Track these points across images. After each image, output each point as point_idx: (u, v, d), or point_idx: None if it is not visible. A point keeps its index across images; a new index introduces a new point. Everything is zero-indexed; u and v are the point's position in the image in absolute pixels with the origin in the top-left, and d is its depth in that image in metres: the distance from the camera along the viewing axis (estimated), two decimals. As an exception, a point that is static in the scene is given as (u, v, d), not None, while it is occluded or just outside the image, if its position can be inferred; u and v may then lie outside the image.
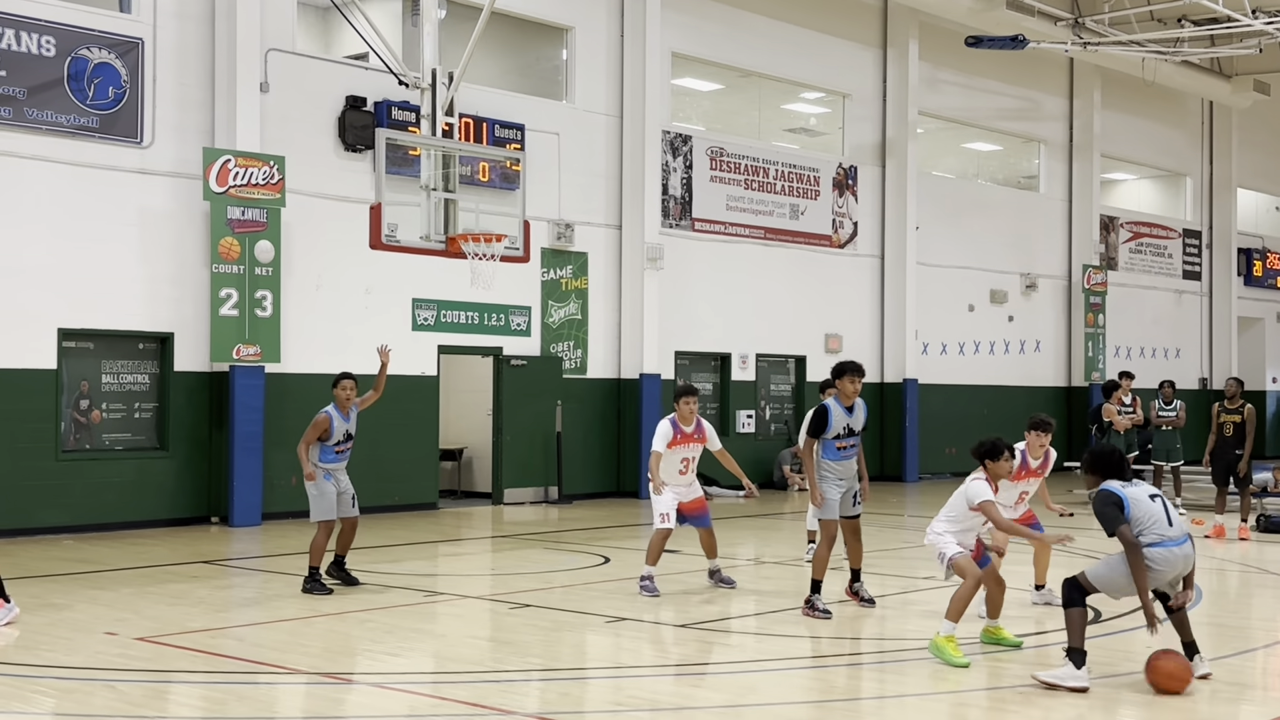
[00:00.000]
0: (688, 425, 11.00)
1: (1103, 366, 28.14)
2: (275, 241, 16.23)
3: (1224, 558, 13.95)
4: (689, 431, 11.00)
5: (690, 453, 11.06)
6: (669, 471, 10.94)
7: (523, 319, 19.43)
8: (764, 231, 22.64)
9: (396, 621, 9.80)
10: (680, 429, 10.94)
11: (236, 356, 15.98)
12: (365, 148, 17.15)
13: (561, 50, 20.45)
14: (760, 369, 22.82)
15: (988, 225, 26.61)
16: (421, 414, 18.26)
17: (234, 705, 7.38)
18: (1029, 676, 7.77)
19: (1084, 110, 28.55)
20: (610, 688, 7.86)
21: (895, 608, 10.80)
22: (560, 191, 19.70)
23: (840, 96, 24.38)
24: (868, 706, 7.54)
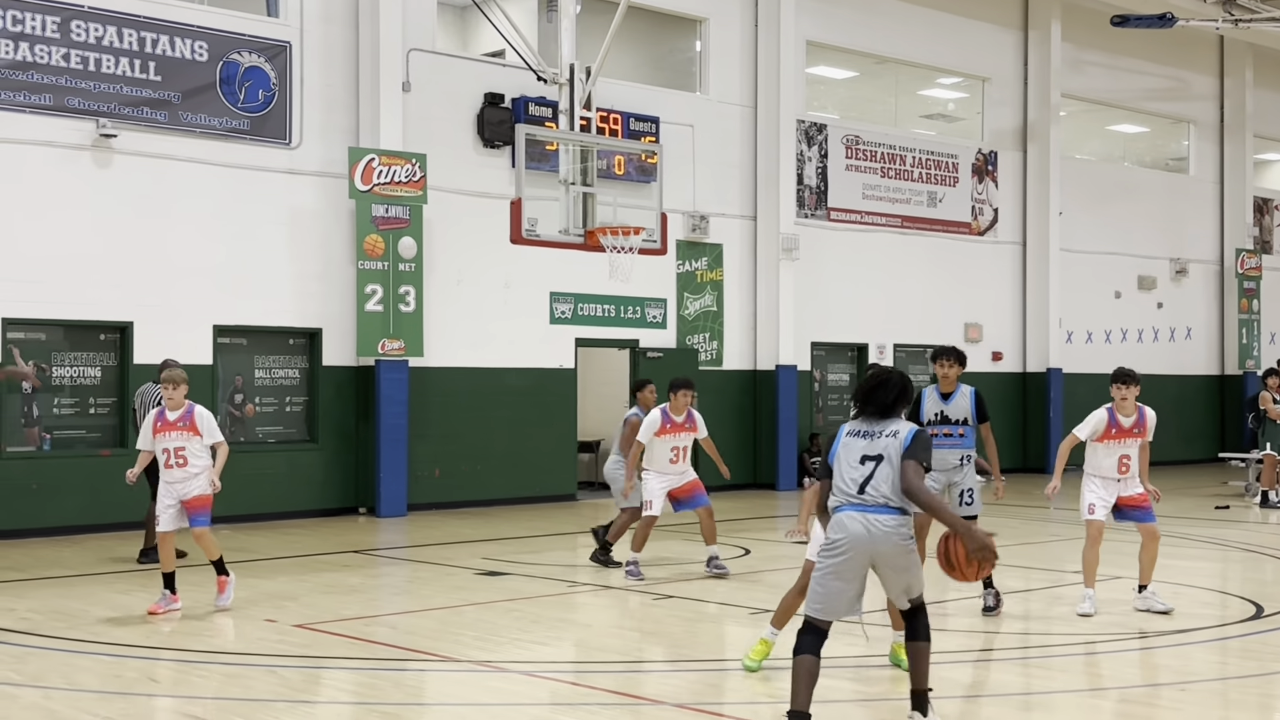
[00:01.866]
0: (679, 415, 11.39)
1: (1258, 354, 27.15)
2: (417, 238, 16.56)
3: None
4: (679, 421, 11.40)
5: (680, 442, 11.45)
6: (661, 460, 11.31)
7: (658, 311, 19.50)
8: (901, 220, 22.35)
9: (541, 611, 9.94)
10: (671, 419, 11.33)
11: (381, 351, 16.36)
12: (504, 144, 17.40)
13: (695, 42, 20.45)
14: (898, 359, 22.52)
15: (1134, 209, 25.87)
16: (559, 406, 18.46)
17: (388, 691, 7.58)
18: None
19: (1235, 89, 27.55)
20: (755, 679, 7.85)
21: (1042, 603, 10.59)
22: (695, 183, 19.72)
23: (979, 80, 23.93)
24: (1015, 703, 7.41)
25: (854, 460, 6.19)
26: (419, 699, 7.57)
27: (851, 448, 6.23)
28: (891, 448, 6.13)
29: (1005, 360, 23.80)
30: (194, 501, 9.61)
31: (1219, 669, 8.11)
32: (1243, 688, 7.54)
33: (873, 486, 6.10)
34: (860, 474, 6.14)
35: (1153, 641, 8.86)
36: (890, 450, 6.13)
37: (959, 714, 7.00)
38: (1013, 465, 22.81)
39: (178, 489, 9.63)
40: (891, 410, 6.25)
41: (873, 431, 6.23)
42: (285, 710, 7.03)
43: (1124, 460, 9.52)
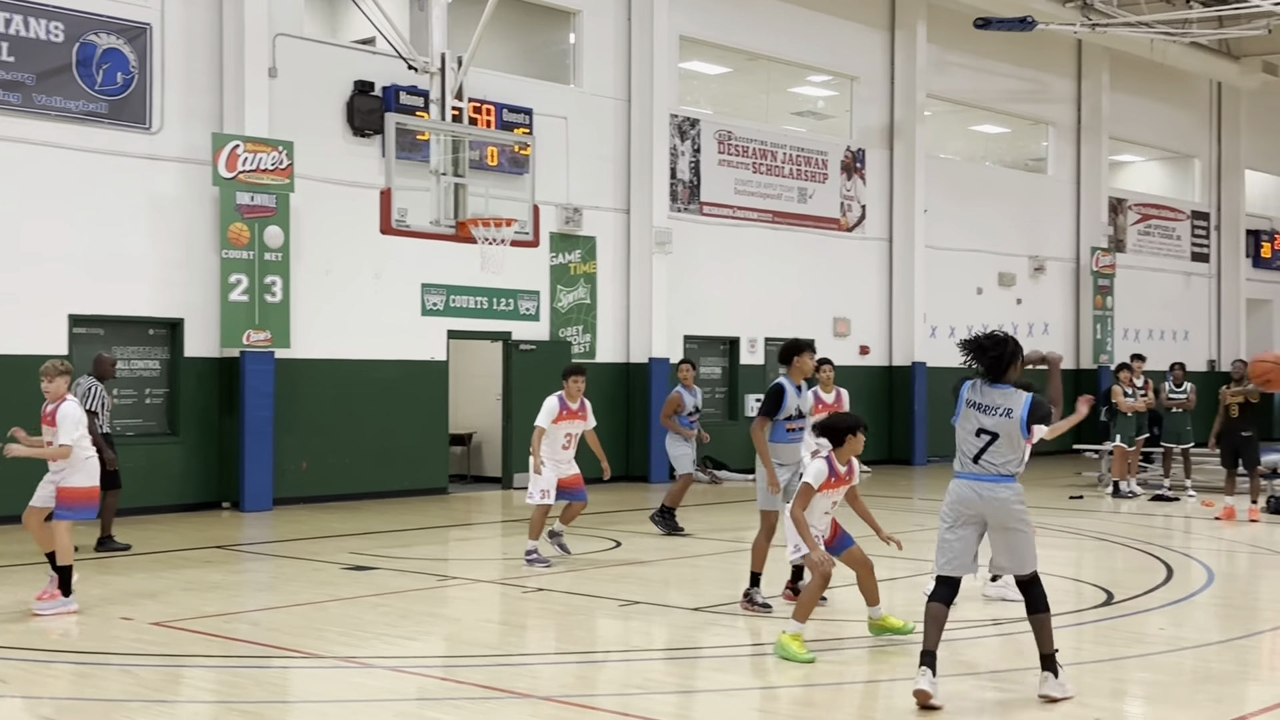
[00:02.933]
0: (574, 402, 11.73)
1: (1111, 349, 28.11)
2: (284, 227, 16.25)
3: (1234, 539, 13.96)
4: (574, 408, 11.77)
5: (574, 429, 11.83)
6: (554, 447, 11.60)
7: (531, 304, 19.44)
8: (772, 215, 22.62)
9: (409, 606, 9.84)
10: (567, 405, 11.66)
11: (247, 342, 16.01)
12: (374, 132, 17.16)
13: (569, 34, 20.42)
14: (769, 353, 22.78)
15: (996, 208, 26.56)
16: (431, 399, 18.29)
17: (249, 689, 7.42)
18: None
19: (1092, 92, 28.47)
20: (623, 670, 7.89)
21: (905, 592, 10.82)
22: (569, 176, 19.70)
23: (848, 79, 24.33)
24: (884, 689, 7.55)
25: (970, 432, 6.88)
26: (281, 697, 7.43)
27: (969, 419, 6.93)
28: (1007, 427, 6.85)
29: (872, 354, 24.27)
30: (68, 492, 9.33)
31: (1073, 654, 8.36)
32: (1095, 672, 7.80)
33: (986, 459, 6.87)
34: (976, 446, 6.88)
35: (1011, 628, 9.10)
36: (1006, 429, 6.85)
37: (829, 703, 7.11)
38: (878, 457, 23.28)
39: (54, 478, 9.41)
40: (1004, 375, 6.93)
41: (988, 406, 6.88)
42: (140, 710, 6.84)
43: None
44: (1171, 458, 18.69)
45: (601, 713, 6.86)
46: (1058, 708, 6.87)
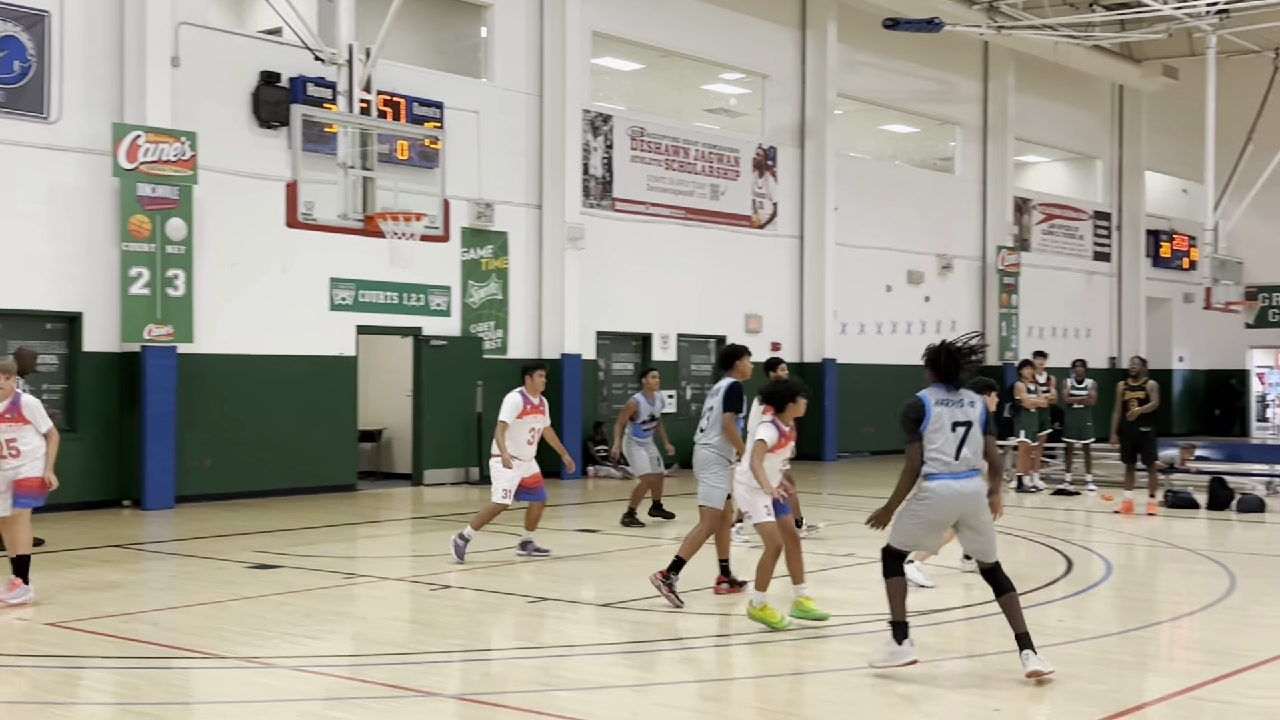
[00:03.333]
0: (535, 397, 11.83)
1: (1016, 346, 28.61)
2: (187, 219, 15.94)
3: (1132, 533, 14.27)
4: (536, 403, 11.86)
5: (538, 424, 11.92)
6: (519, 443, 11.64)
7: (442, 299, 19.29)
8: (684, 211, 22.68)
9: (314, 604, 9.70)
10: (529, 400, 11.72)
11: (148, 336, 15.69)
12: (280, 124, 16.89)
13: (481, 28, 20.28)
14: (681, 349, 22.88)
15: (905, 207, 26.90)
16: (340, 395, 18.07)
17: (149, 691, 7.27)
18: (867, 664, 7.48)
19: (998, 93, 28.94)
20: (534, 668, 7.85)
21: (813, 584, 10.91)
22: (480, 170, 19.57)
23: (760, 77, 24.47)
24: (787, 683, 7.60)
25: (947, 427, 7.20)
26: (182, 698, 7.28)
27: (942, 417, 7.23)
28: (974, 414, 7.31)
29: (783, 350, 24.43)
30: (25, 482, 9.33)
31: (978, 645, 8.50)
32: (997, 663, 7.92)
33: (966, 452, 7.22)
34: (955, 439, 7.19)
35: (914, 621, 9.20)
36: (974, 416, 7.31)
37: (719, 694, 7.14)
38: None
39: (8, 475, 9.37)
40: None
41: (955, 400, 7.32)
42: (35, 713, 6.67)
43: None
44: (1073, 453, 19.06)
45: (510, 710, 6.82)
46: (962, 702, 6.97)
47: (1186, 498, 16.47)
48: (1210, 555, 12.37)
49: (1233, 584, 10.68)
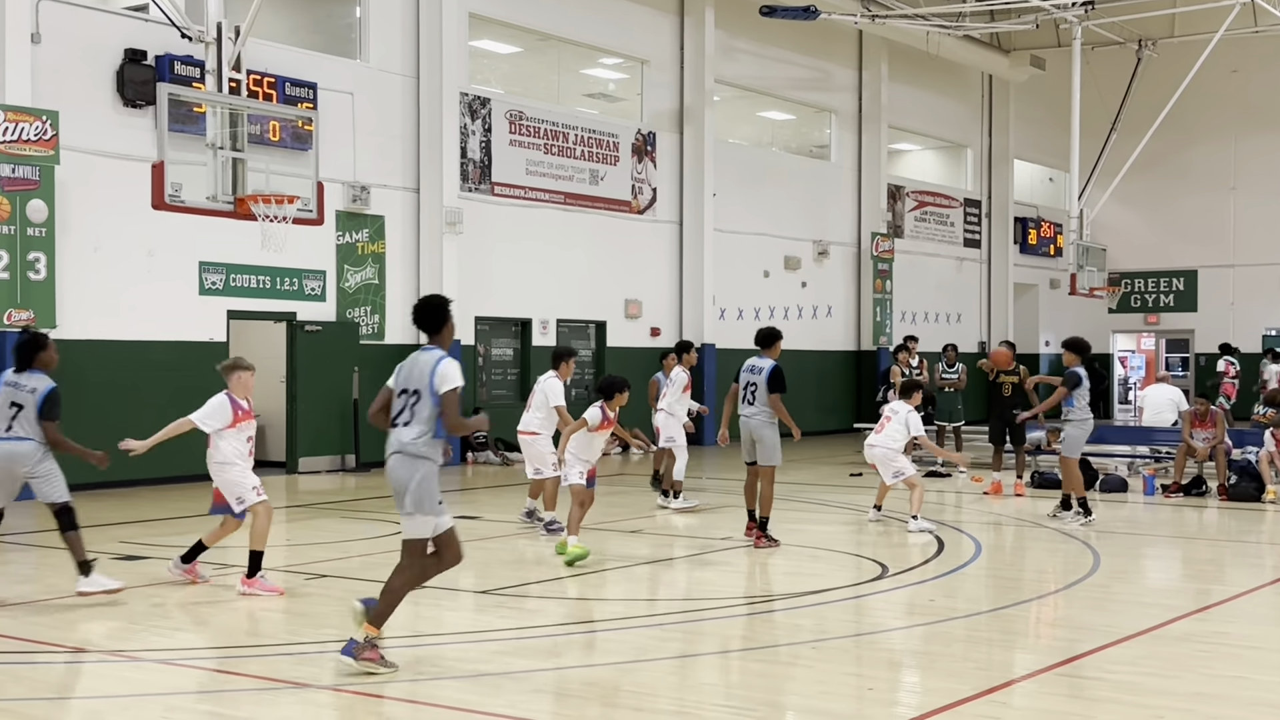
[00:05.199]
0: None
1: (890, 331, 29.14)
2: (49, 201, 15.40)
3: (1000, 512, 14.64)
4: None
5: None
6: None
7: (317, 283, 18.95)
8: (564, 196, 22.61)
9: (184, 596, 9.47)
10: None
11: (8, 321, 15.14)
12: (146, 103, 16.41)
13: (355, 7, 19.94)
14: (561, 334, 22.82)
15: (782, 193, 27.17)
16: (210, 382, 17.49)
17: (10, 686, 7.01)
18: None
19: (872, 82, 29.38)
20: (410, 656, 7.76)
21: (693, 567, 11.00)
22: (355, 153, 19.26)
23: (639, 63, 24.48)
24: (667, 666, 7.64)
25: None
26: (44, 693, 7.04)
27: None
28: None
29: (663, 336, 24.54)
30: None
31: (852, 625, 8.64)
32: (870, 643, 8.06)
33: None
34: None
35: (790, 603, 9.34)
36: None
37: (602, 680, 7.15)
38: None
39: None
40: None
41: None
42: (-115, 715, 6.39)
43: None
44: (944, 435, 19.48)
45: (387, 700, 6.74)
46: (837, 681, 7.07)
47: (1053, 478, 16.92)
48: (1075, 535, 12.74)
49: (1096, 562, 11.02)
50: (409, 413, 7.14)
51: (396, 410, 7.21)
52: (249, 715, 6.38)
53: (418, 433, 7.10)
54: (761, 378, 11.77)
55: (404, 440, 7.11)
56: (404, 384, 7.23)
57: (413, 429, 7.10)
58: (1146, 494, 16.00)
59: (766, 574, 10.81)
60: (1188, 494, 15.83)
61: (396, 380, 7.28)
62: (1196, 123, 32.43)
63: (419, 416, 7.10)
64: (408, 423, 7.14)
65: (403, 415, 7.17)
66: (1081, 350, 13.82)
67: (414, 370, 7.19)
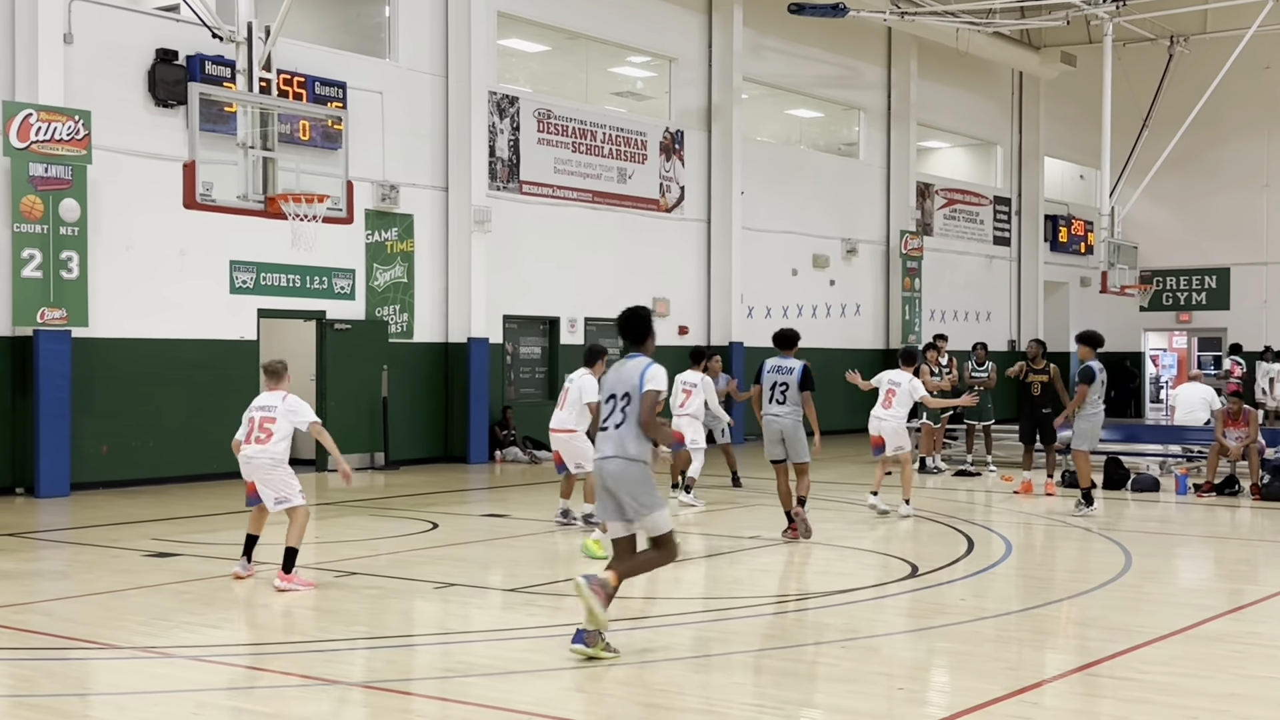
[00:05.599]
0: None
1: (919, 329, 29.02)
2: (81, 200, 15.52)
3: (1031, 512, 14.55)
4: None
5: None
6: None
7: (346, 282, 19.03)
8: (592, 195, 22.62)
9: (215, 593, 9.53)
10: None
11: (41, 320, 15.26)
12: (178, 103, 16.51)
13: (384, 6, 20.00)
14: (589, 332, 22.82)
15: (810, 191, 27.10)
16: (241, 380, 17.73)
17: (43, 683, 7.08)
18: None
19: (901, 79, 29.26)
20: (438, 654, 7.79)
21: (721, 566, 10.98)
22: (384, 152, 19.32)
23: (667, 61, 24.47)
24: (695, 664, 7.63)
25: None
26: (77, 689, 7.10)
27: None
28: None
29: (691, 334, 24.52)
30: None
31: (881, 625, 8.60)
32: (900, 643, 8.03)
33: None
34: None
35: (818, 601, 9.32)
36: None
37: (631, 678, 7.15)
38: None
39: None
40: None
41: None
42: (-79, 710, 6.45)
43: None
44: (974, 434, 19.39)
45: (415, 697, 6.76)
46: (867, 681, 7.04)
47: (1083, 477, 16.84)
48: (1106, 534, 12.66)
49: (1128, 562, 10.94)
50: (620, 414, 7.49)
51: (606, 414, 7.56)
52: (278, 712, 6.41)
53: (632, 435, 7.40)
54: (793, 377, 11.92)
55: (619, 444, 7.43)
56: (612, 389, 7.59)
57: (624, 430, 7.43)
58: (1179, 494, 15.87)
59: (795, 573, 10.79)
60: (1220, 493, 15.69)
61: (603, 387, 7.68)
62: (1229, 119, 32.13)
63: (630, 419, 7.43)
64: (619, 425, 7.47)
65: (613, 418, 7.50)
66: (1095, 343, 13.96)
67: (621, 375, 7.55)
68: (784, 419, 11.90)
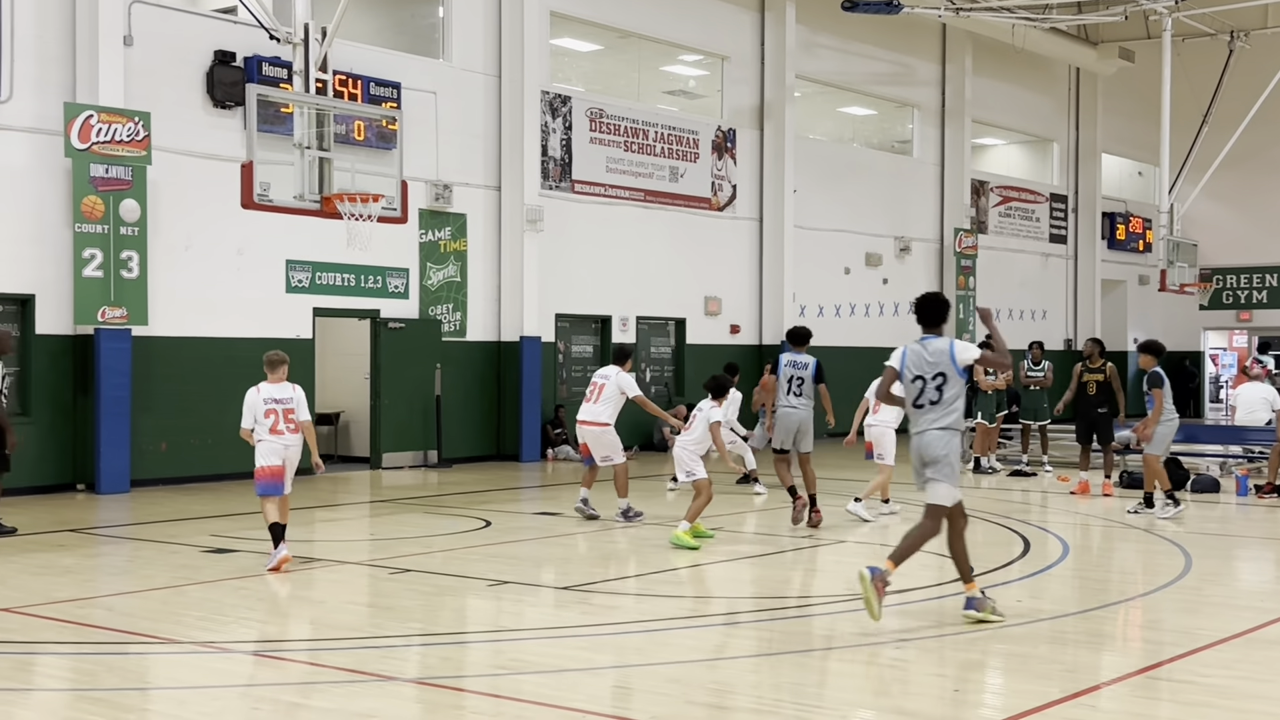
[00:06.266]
0: None
1: (973, 328, 28.78)
2: (141, 200, 15.74)
3: (1088, 513, 14.39)
4: None
5: None
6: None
7: (400, 281, 19.16)
8: (644, 194, 22.62)
9: (271, 589, 9.63)
10: None
11: (101, 319, 15.49)
12: (235, 104, 16.70)
13: (438, 7, 20.12)
14: (641, 331, 22.85)
15: (863, 189, 26.96)
16: (296, 379, 17.77)
17: (104, 676, 7.18)
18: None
19: (956, 76, 29.04)
20: (491, 651, 7.82)
21: (773, 566, 10.96)
22: (438, 152, 19.44)
23: (719, 59, 24.43)
24: (747, 664, 7.61)
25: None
26: (137, 683, 7.20)
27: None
28: None
29: (742, 333, 24.48)
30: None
31: (934, 627, 8.54)
32: (955, 644, 7.97)
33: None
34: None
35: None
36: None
37: (683, 677, 7.14)
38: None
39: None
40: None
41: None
42: (-13, 702, 6.57)
43: None
44: (1029, 434, 19.21)
45: (468, 694, 6.80)
46: (923, 682, 7.00)
47: (1142, 478, 16.63)
48: (1165, 536, 12.50)
49: (1188, 564, 10.79)
50: (935, 393, 8.19)
51: (917, 394, 8.24)
52: (334, 707, 6.46)
53: (948, 410, 8.18)
54: (808, 372, 12.63)
55: (937, 418, 8.17)
56: (919, 370, 8.25)
57: (940, 408, 8.17)
58: (1239, 495, 15.63)
59: (848, 573, 10.73)
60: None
61: (906, 367, 8.29)
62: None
63: (946, 396, 8.16)
64: (934, 402, 8.19)
65: (927, 395, 8.20)
66: (1158, 352, 14.07)
67: (926, 356, 8.24)
68: (800, 411, 12.56)
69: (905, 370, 8.30)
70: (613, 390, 13.01)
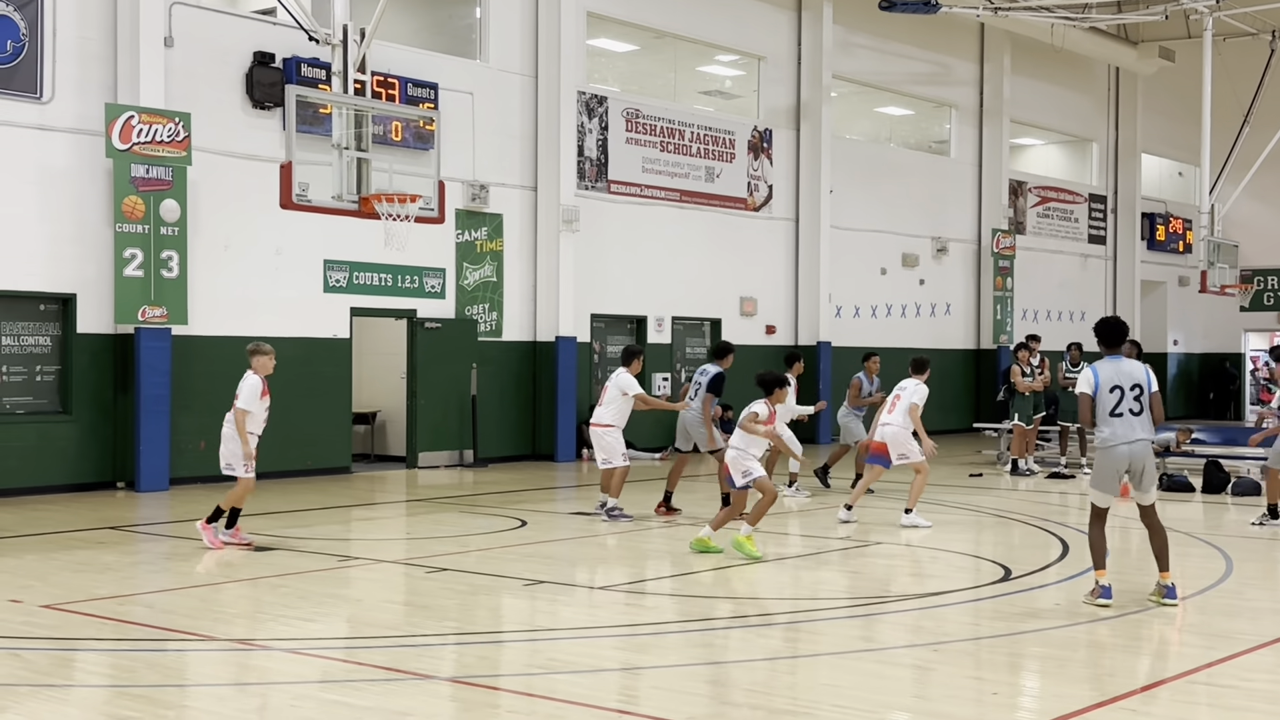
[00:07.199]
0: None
1: (1011, 329, 28.60)
2: (181, 200, 15.87)
3: (1126, 515, 14.25)
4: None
5: None
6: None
7: (437, 281, 19.23)
8: (680, 194, 22.61)
9: (310, 587, 9.68)
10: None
11: (142, 318, 15.63)
12: (274, 105, 16.81)
13: (475, 8, 20.18)
14: (676, 331, 22.84)
15: (900, 189, 26.84)
16: (334, 377, 18.02)
17: (144, 673, 7.24)
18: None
19: (994, 75, 28.87)
20: (527, 650, 7.84)
21: (809, 567, 10.93)
22: (475, 152, 19.49)
23: (755, 59, 24.38)
24: (784, 665, 7.59)
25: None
26: (177, 680, 7.25)
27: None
28: None
29: (778, 334, 24.42)
30: None
31: (971, 629, 8.49)
32: (993, 646, 7.92)
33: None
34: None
35: (910, 604, 9.22)
36: None
37: (719, 678, 7.13)
38: (784, 436, 23.42)
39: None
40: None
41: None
42: (30, 695, 6.64)
43: None
44: (1068, 436, 19.06)
45: (504, 693, 6.81)
46: (961, 685, 6.96)
47: (1182, 481, 16.49)
48: (1206, 539, 12.38)
49: (1229, 568, 10.68)
50: (1137, 404, 8.92)
51: (1119, 404, 8.85)
52: (372, 705, 6.49)
53: (1148, 421, 8.93)
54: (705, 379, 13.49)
55: (1146, 429, 8.92)
56: (1118, 381, 8.89)
57: (1144, 418, 8.91)
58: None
59: (885, 575, 10.69)
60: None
61: (1105, 380, 8.86)
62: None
63: (1145, 407, 8.94)
64: (1136, 413, 8.91)
65: (1132, 406, 8.88)
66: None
67: (1122, 370, 8.92)
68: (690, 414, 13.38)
69: (1100, 382, 8.86)
70: (615, 392, 13.17)
